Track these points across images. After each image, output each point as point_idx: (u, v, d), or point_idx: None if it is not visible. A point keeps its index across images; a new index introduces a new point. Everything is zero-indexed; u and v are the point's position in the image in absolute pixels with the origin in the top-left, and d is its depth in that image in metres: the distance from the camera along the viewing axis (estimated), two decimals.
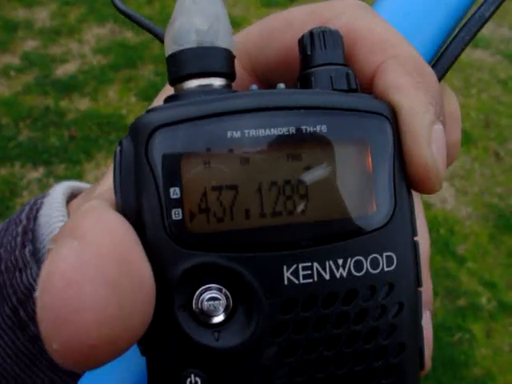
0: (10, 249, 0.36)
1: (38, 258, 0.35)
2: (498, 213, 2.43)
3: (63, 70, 2.93)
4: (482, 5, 0.30)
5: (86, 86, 2.83)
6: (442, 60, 0.29)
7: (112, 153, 0.21)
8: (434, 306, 2.05)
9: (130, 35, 3.21)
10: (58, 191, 0.39)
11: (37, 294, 0.19)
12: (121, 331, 0.18)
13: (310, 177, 0.21)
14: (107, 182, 0.24)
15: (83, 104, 2.74)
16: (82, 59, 3.01)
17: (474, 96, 3.00)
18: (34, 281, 0.35)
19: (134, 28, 3.27)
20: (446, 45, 0.30)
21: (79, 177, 2.39)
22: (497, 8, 0.30)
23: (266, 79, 0.28)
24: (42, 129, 2.60)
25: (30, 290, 0.35)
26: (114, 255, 0.18)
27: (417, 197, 0.26)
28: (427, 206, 2.41)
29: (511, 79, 3.15)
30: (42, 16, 3.28)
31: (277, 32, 0.26)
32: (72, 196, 0.39)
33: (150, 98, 2.74)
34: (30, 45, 3.08)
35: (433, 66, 0.29)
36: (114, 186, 0.21)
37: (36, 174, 2.40)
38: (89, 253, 0.18)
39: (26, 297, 0.35)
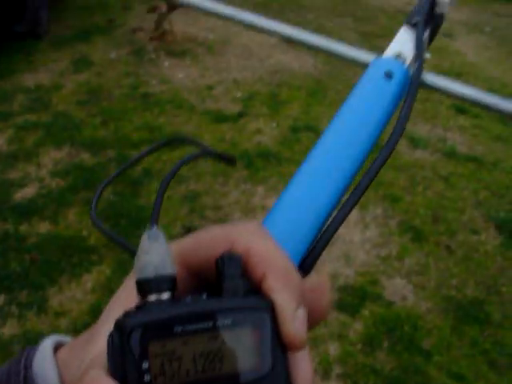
0: None
1: None
2: (457, 304, 2.51)
3: (22, 195, 2.97)
4: (351, 194, 0.46)
5: (46, 209, 2.87)
6: (314, 252, 0.45)
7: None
8: None
9: (86, 157, 3.30)
10: (47, 342, 0.47)
11: None
12: None
13: (223, 347, 0.34)
14: (96, 347, 0.35)
15: (43, 227, 2.76)
16: (40, 183, 3.06)
17: (420, 194, 3.18)
18: None
19: (90, 150, 3.37)
20: (316, 240, 0.45)
21: (42, 302, 2.37)
22: (363, 192, 0.46)
23: (199, 274, 0.40)
24: (2, 254, 2.59)
25: None
26: None
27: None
28: (388, 305, 2.48)
29: (452, 175, 3.37)
30: None
31: (202, 246, 0.40)
32: (58, 345, 0.47)
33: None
34: None
35: (308, 256, 0.45)
36: (108, 360, 0.33)
37: None
38: None
39: None
